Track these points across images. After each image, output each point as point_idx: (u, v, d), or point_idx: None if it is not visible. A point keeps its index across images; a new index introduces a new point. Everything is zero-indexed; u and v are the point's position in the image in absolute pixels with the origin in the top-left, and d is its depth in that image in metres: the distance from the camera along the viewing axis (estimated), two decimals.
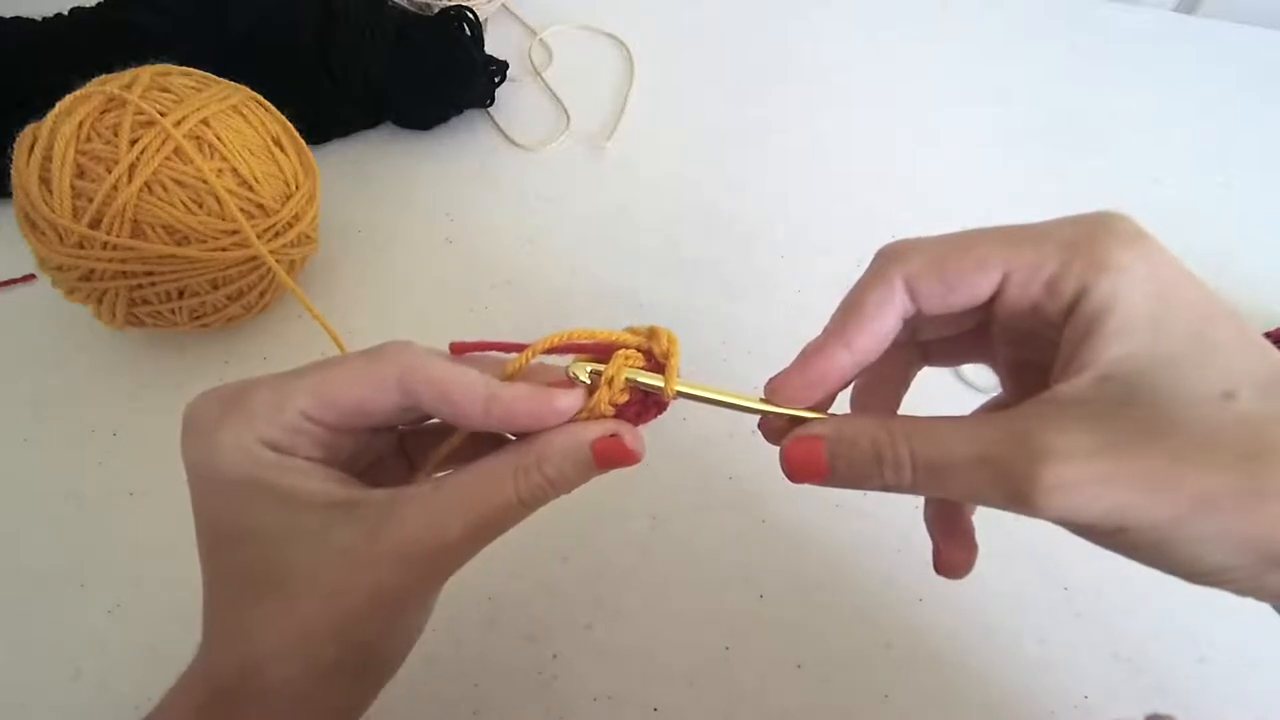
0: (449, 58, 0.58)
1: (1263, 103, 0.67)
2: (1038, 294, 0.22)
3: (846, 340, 0.23)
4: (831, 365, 0.24)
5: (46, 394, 0.46)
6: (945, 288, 0.22)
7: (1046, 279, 0.21)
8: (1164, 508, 0.19)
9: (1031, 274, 0.21)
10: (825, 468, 0.23)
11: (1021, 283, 0.22)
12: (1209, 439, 0.19)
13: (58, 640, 0.39)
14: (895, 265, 0.23)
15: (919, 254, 0.23)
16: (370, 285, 0.52)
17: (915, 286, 0.23)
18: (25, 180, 0.40)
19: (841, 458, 0.23)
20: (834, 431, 0.23)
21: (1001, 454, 0.20)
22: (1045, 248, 0.21)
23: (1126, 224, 0.22)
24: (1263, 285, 0.54)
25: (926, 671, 0.39)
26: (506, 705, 0.37)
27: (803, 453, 0.23)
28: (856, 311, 0.23)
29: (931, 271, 0.22)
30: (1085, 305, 0.21)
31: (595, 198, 0.57)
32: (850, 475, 0.23)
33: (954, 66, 0.68)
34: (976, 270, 0.22)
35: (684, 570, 0.41)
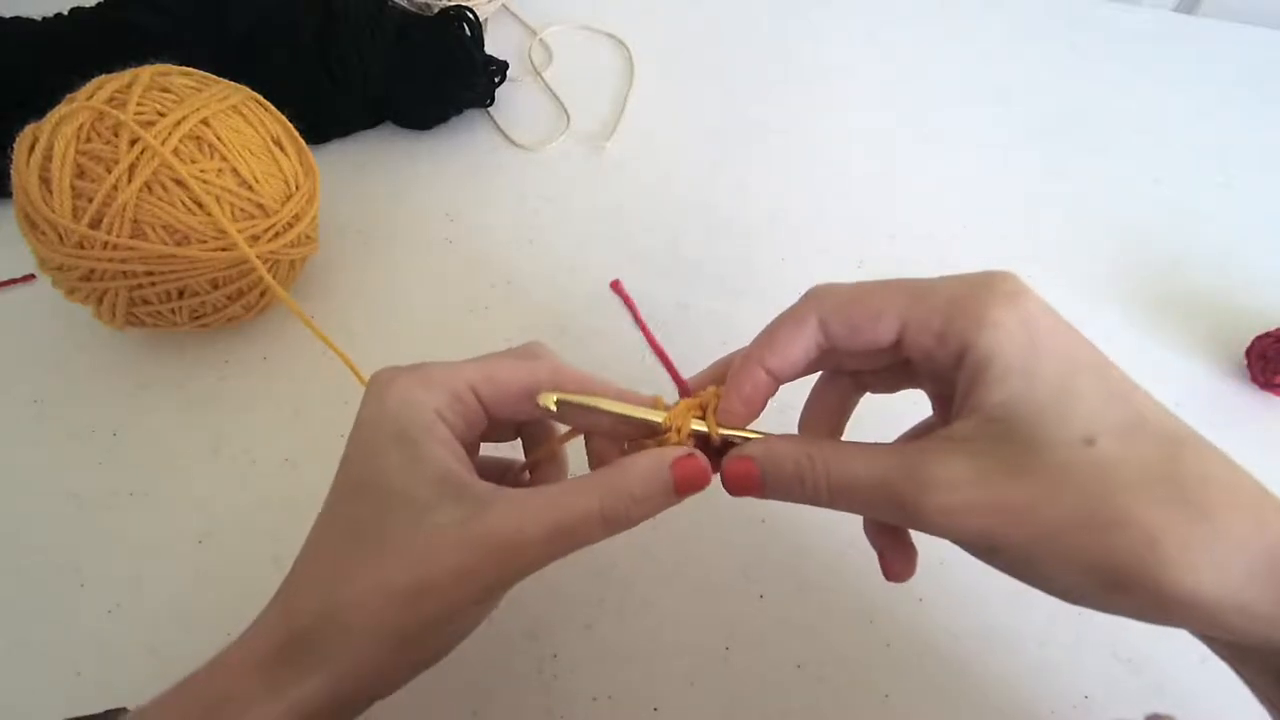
0: (449, 58, 0.58)
1: (1263, 103, 0.67)
2: (930, 344, 0.25)
3: (762, 361, 0.27)
4: (759, 384, 0.27)
5: (46, 394, 0.46)
6: (850, 330, 0.26)
7: (936, 332, 0.25)
8: (1021, 533, 0.22)
9: (922, 327, 0.25)
10: (760, 483, 0.26)
11: (915, 333, 0.25)
12: (1065, 477, 0.22)
13: (58, 640, 0.39)
14: (811, 304, 0.27)
15: (832, 298, 0.26)
16: (370, 285, 0.52)
17: (826, 326, 0.26)
18: (25, 180, 0.40)
19: (769, 475, 0.26)
20: (764, 452, 0.26)
21: (895, 480, 0.24)
22: (933, 304, 0.25)
23: (1007, 282, 0.25)
24: (1263, 285, 0.54)
25: (926, 671, 0.39)
26: (506, 705, 0.37)
27: (738, 471, 0.27)
28: (770, 339, 0.27)
29: (838, 315, 0.26)
30: (969, 356, 0.24)
31: (595, 198, 0.57)
32: (777, 491, 0.26)
33: (954, 66, 0.68)
34: (874, 319, 0.26)
35: (684, 570, 0.41)
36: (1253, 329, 0.50)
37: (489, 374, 0.28)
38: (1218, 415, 0.48)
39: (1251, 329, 0.50)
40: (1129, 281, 0.54)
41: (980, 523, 0.22)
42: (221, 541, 0.42)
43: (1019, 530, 0.22)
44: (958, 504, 0.23)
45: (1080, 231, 0.57)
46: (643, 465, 0.26)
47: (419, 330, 0.50)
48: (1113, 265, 0.55)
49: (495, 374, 0.28)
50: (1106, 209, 0.58)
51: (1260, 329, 0.49)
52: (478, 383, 0.28)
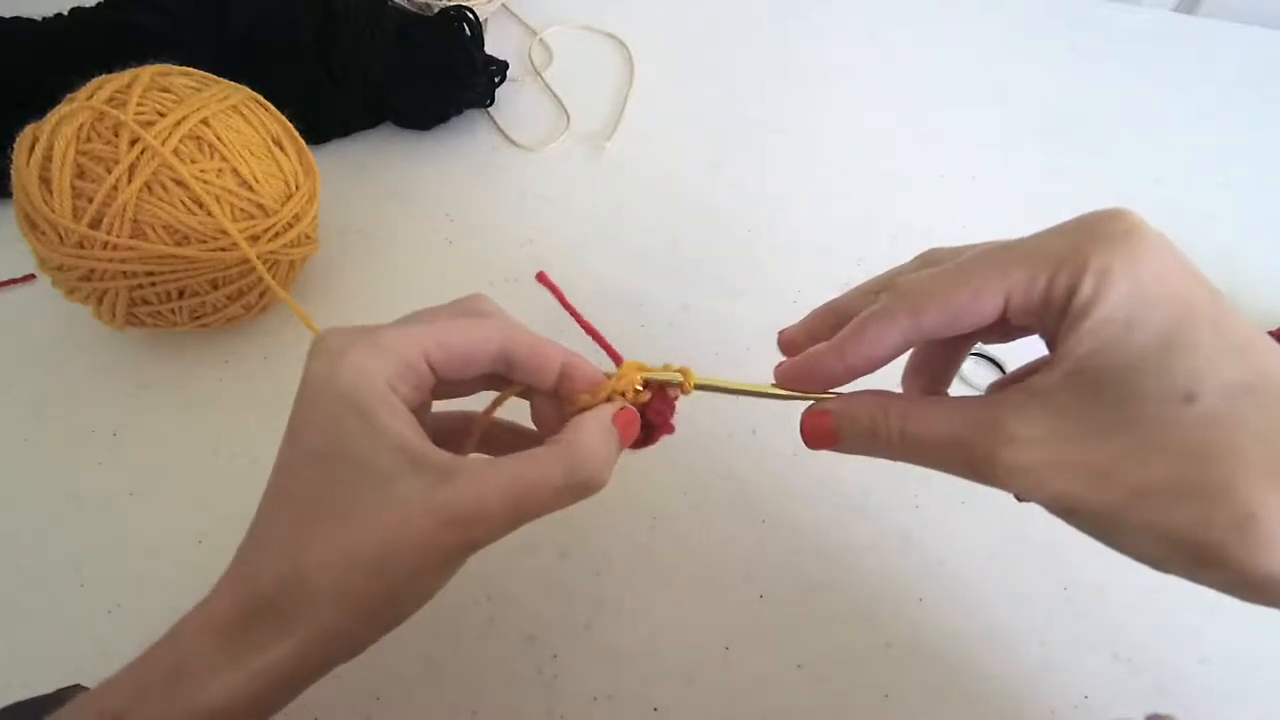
0: (449, 58, 0.58)
1: (1262, 103, 0.67)
2: (1037, 306, 0.23)
3: (843, 356, 0.26)
4: (825, 370, 0.27)
5: (46, 394, 0.46)
6: (950, 319, 0.24)
7: (1040, 294, 0.23)
8: (1101, 497, 0.21)
9: (1026, 292, 0.23)
10: (835, 436, 0.27)
11: (1021, 301, 0.23)
12: (1157, 438, 0.20)
13: (58, 640, 0.39)
14: (901, 303, 0.25)
15: (921, 291, 0.25)
16: (370, 285, 0.52)
17: (920, 320, 0.24)
18: (25, 180, 0.40)
19: (844, 429, 0.26)
20: (840, 408, 0.27)
21: (969, 436, 0.23)
22: (1034, 264, 0.23)
23: (1116, 223, 0.23)
24: (1263, 285, 0.54)
25: (926, 671, 0.39)
26: (506, 705, 0.37)
27: (815, 424, 0.27)
28: (858, 336, 0.26)
29: (935, 308, 0.24)
30: (1070, 307, 0.22)
31: (595, 198, 0.57)
32: (852, 444, 0.27)
33: (954, 66, 0.68)
34: (975, 300, 0.24)
35: (684, 570, 0.41)
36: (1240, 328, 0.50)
37: (441, 340, 0.27)
38: None
39: None
40: None
41: (1057, 483, 0.21)
42: (221, 541, 0.41)
43: (1099, 494, 0.21)
44: (1032, 462, 0.21)
45: None
46: (592, 427, 0.27)
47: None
48: None
49: (447, 339, 0.27)
50: (1104, 207, 0.58)
51: (1260, 329, 0.49)
52: (430, 349, 0.27)
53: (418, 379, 0.27)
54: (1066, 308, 0.22)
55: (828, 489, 0.44)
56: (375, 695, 0.37)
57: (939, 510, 0.43)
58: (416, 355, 0.27)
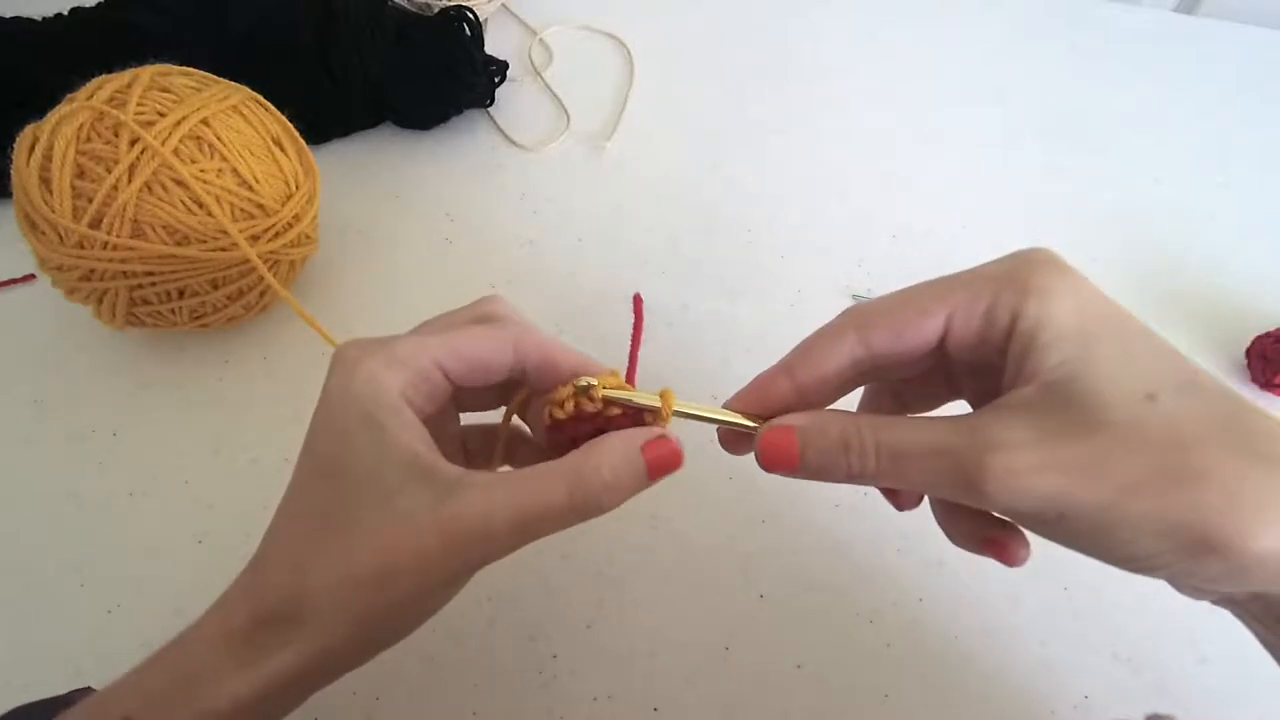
0: (449, 58, 0.58)
1: (1263, 103, 0.67)
2: (979, 325, 0.25)
3: (791, 374, 0.27)
4: (775, 392, 0.27)
5: (46, 394, 0.46)
6: (894, 335, 0.26)
7: (983, 311, 0.24)
8: (1094, 493, 0.21)
9: (970, 310, 0.25)
10: (797, 456, 0.25)
11: (963, 319, 0.25)
12: (1134, 433, 0.21)
13: (58, 640, 0.39)
14: (849, 319, 0.26)
15: (870, 310, 0.26)
16: (370, 285, 0.52)
17: (867, 335, 0.26)
18: (25, 180, 0.40)
19: (812, 446, 0.25)
20: (807, 421, 0.26)
21: (956, 444, 0.23)
22: (977, 286, 0.25)
23: (1046, 255, 0.25)
24: (1263, 285, 0.54)
25: (926, 671, 0.39)
26: (506, 705, 0.37)
27: (777, 441, 0.26)
28: (805, 352, 0.27)
29: (880, 323, 0.26)
30: (1020, 326, 0.24)
31: (595, 198, 0.57)
32: (819, 463, 0.25)
33: (954, 66, 0.68)
34: (921, 317, 0.25)
35: (684, 570, 0.41)
36: (1253, 329, 0.50)
37: (454, 348, 0.27)
38: None
39: (1251, 329, 0.50)
40: (1129, 281, 0.54)
41: (1049, 483, 0.21)
42: (221, 541, 0.42)
43: (1091, 489, 0.21)
44: (1025, 463, 0.22)
45: (1080, 231, 0.57)
46: (613, 451, 0.25)
47: None
48: (1112, 265, 0.55)
49: (460, 347, 0.27)
50: (1106, 209, 0.58)
51: (1260, 329, 0.49)
52: (443, 359, 0.27)
53: (431, 388, 0.27)
54: (1011, 328, 0.24)
55: (828, 489, 0.44)
56: (375, 695, 0.37)
57: None
58: (429, 365, 0.27)
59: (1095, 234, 0.57)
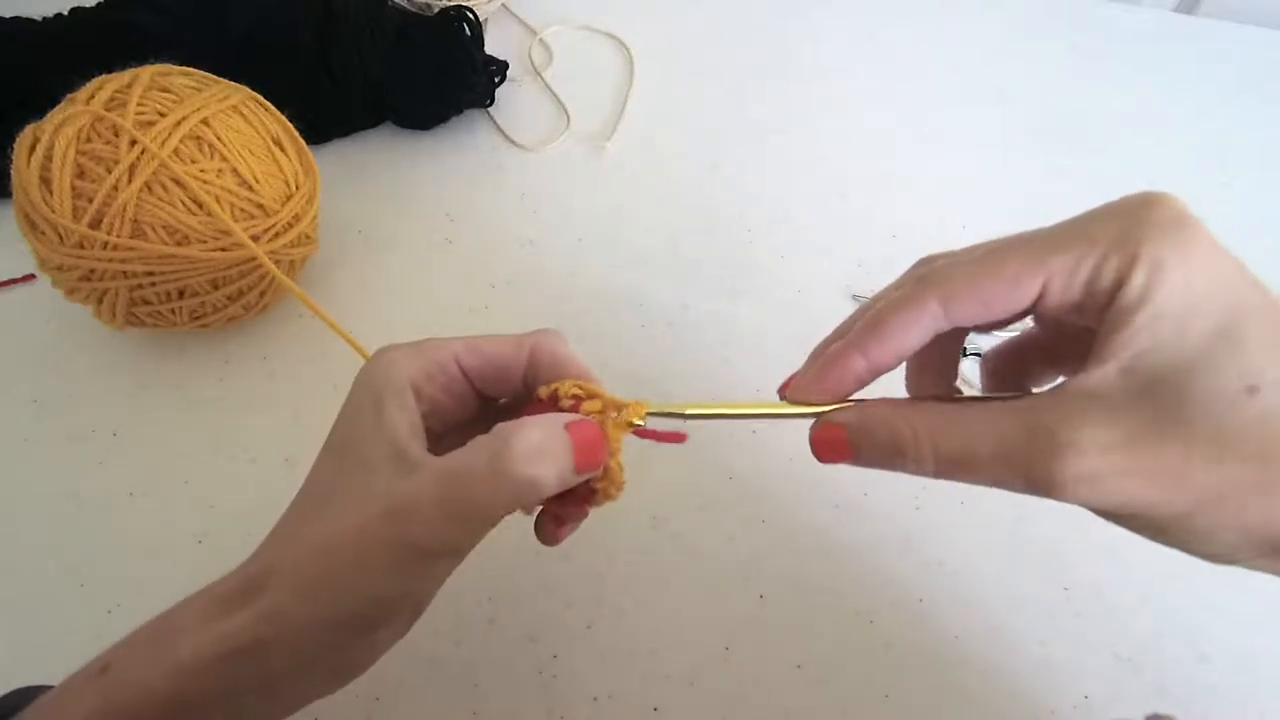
0: (449, 58, 0.58)
1: (1263, 103, 0.67)
2: (1078, 295, 0.22)
3: (865, 352, 0.24)
4: (848, 374, 0.24)
5: (46, 394, 0.46)
6: (983, 308, 0.23)
7: (1084, 280, 0.22)
8: (1175, 500, 0.20)
9: (1069, 279, 0.22)
10: (850, 451, 0.24)
11: (1060, 288, 0.22)
12: (1224, 434, 0.19)
13: (58, 640, 0.39)
14: (930, 290, 0.23)
15: (954, 278, 0.23)
16: (370, 285, 0.52)
17: (952, 309, 0.23)
18: (25, 180, 0.40)
19: (863, 447, 0.24)
20: (856, 421, 0.24)
21: (1022, 447, 0.21)
22: (1079, 249, 0.22)
23: (1167, 210, 0.22)
24: None
25: (926, 671, 0.39)
26: (506, 705, 0.37)
27: (828, 439, 0.25)
28: (879, 328, 0.24)
29: (968, 294, 0.23)
30: (1120, 299, 0.21)
31: (595, 198, 0.57)
32: (872, 460, 0.24)
33: (954, 66, 0.68)
34: (1012, 287, 0.22)
35: (684, 570, 0.41)
36: None
37: (473, 344, 0.28)
38: None
39: None
40: None
41: (1125, 492, 0.20)
42: (221, 541, 0.42)
43: (1173, 496, 0.20)
44: (1098, 471, 0.20)
45: None
46: (536, 423, 0.25)
47: (419, 330, 0.49)
48: None
49: (479, 344, 0.28)
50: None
51: None
52: (460, 352, 0.28)
53: (446, 379, 0.28)
54: (1113, 299, 0.21)
55: (828, 489, 0.44)
56: (375, 695, 0.37)
57: (939, 511, 0.43)
58: (446, 356, 0.28)
59: None
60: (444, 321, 0.51)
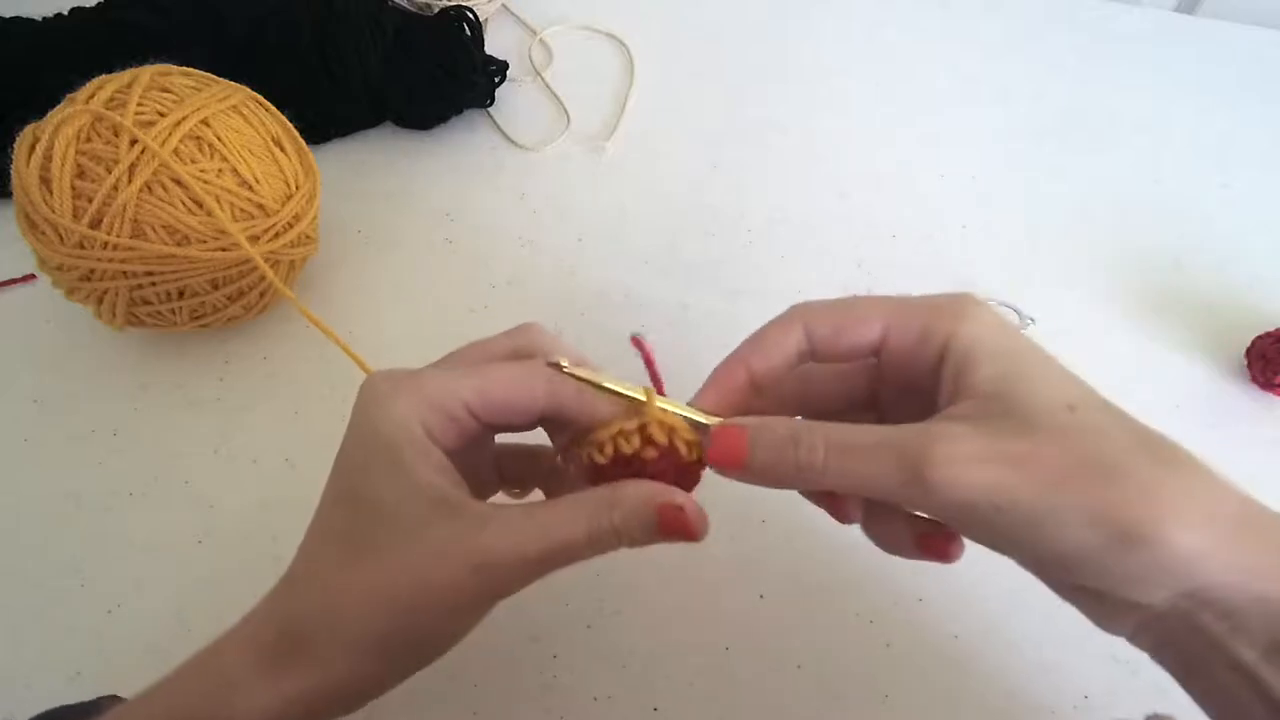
0: (449, 58, 0.58)
1: (1263, 103, 0.67)
2: (913, 343, 0.27)
3: (746, 362, 0.29)
4: (734, 381, 0.29)
5: (46, 394, 0.46)
6: (834, 332, 0.28)
7: (918, 330, 0.27)
8: (1030, 484, 0.23)
9: (906, 327, 0.27)
10: (745, 452, 0.27)
11: (899, 334, 0.27)
12: (1061, 435, 0.24)
13: (58, 640, 0.39)
14: (798, 313, 0.29)
15: (817, 306, 0.29)
16: (370, 285, 0.52)
17: (812, 330, 0.28)
18: (25, 180, 0.40)
19: (761, 442, 0.26)
20: (757, 422, 0.27)
21: (902, 439, 0.24)
22: (914, 308, 0.27)
23: (971, 296, 0.28)
24: (1263, 285, 0.54)
25: (926, 671, 0.39)
26: (506, 705, 0.37)
27: (727, 439, 0.27)
28: (758, 343, 0.29)
29: (824, 320, 0.28)
30: (954, 345, 0.26)
31: (595, 198, 0.57)
32: (767, 458, 0.26)
33: (954, 66, 0.68)
34: (860, 324, 0.28)
35: (684, 570, 0.41)
36: (1253, 329, 0.50)
37: (481, 389, 0.28)
38: (1218, 415, 0.48)
39: (1251, 329, 0.50)
40: (1129, 281, 0.54)
41: (989, 472, 0.23)
42: (221, 541, 0.42)
43: (1027, 481, 0.23)
44: (966, 453, 0.23)
45: (1080, 232, 0.57)
46: (631, 497, 0.26)
47: (419, 330, 0.50)
48: (1113, 265, 0.55)
49: (489, 389, 0.28)
50: (1106, 209, 0.58)
51: (1260, 329, 0.49)
52: (470, 400, 0.28)
53: (460, 429, 0.28)
54: (945, 348, 0.26)
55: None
56: None
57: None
58: (456, 406, 0.27)
59: (1095, 234, 0.57)
60: (444, 321, 0.51)
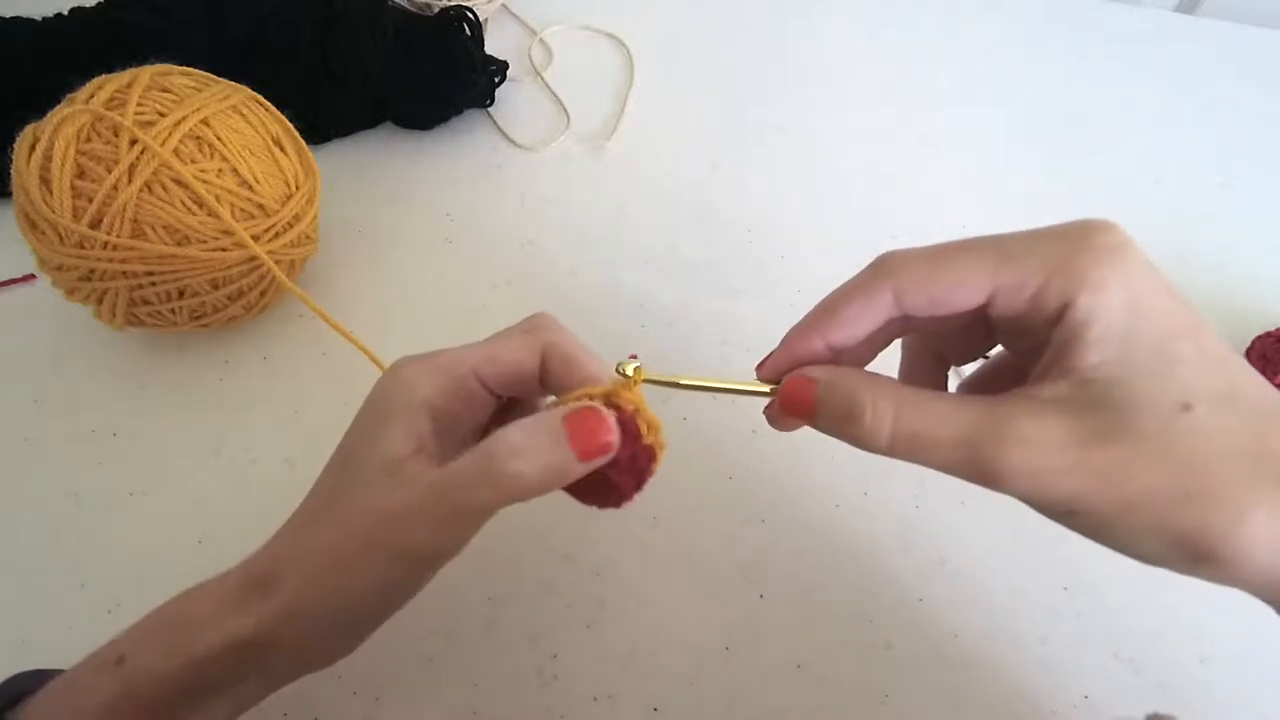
0: (449, 58, 0.58)
1: (1263, 103, 0.67)
2: (1024, 307, 0.24)
3: (823, 331, 0.26)
4: (809, 352, 0.26)
5: (46, 394, 0.46)
6: (929, 301, 0.24)
7: (1031, 295, 0.23)
8: (1108, 500, 0.22)
9: (1017, 291, 0.24)
10: (813, 404, 0.25)
11: (1008, 298, 0.24)
12: (1159, 445, 0.22)
13: (58, 640, 0.39)
14: (884, 279, 0.25)
15: (909, 269, 0.25)
16: (370, 285, 0.52)
17: (903, 300, 0.25)
18: (25, 180, 0.40)
19: (827, 405, 0.25)
20: (829, 376, 0.25)
21: (976, 434, 0.23)
22: (1029, 265, 0.23)
23: (1108, 236, 0.23)
24: (1263, 285, 0.54)
25: (926, 671, 0.39)
26: (506, 705, 0.37)
27: (796, 389, 0.26)
28: (834, 311, 0.26)
29: (919, 288, 0.24)
30: (1068, 317, 0.23)
31: (595, 198, 0.57)
32: (833, 418, 0.25)
33: (954, 66, 0.68)
34: (961, 288, 0.24)
35: (684, 570, 0.41)
36: (1253, 329, 0.50)
37: (489, 355, 0.29)
38: None
39: (1251, 329, 0.50)
40: None
41: (1067, 485, 0.22)
42: (221, 541, 0.42)
43: (1107, 495, 0.22)
44: (1046, 464, 0.22)
45: None
46: (530, 418, 0.26)
47: (419, 330, 0.50)
48: None
49: (495, 354, 0.29)
50: (1106, 209, 0.58)
51: (1260, 329, 0.49)
52: (478, 365, 0.29)
53: (469, 394, 0.29)
54: (1060, 316, 0.23)
55: (827, 489, 0.44)
56: (375, 696, 0.37)
57: (939, 510, 0.43)
58: (465, 372, 0.29)
59: None
60: (444, 321, 0.51)
